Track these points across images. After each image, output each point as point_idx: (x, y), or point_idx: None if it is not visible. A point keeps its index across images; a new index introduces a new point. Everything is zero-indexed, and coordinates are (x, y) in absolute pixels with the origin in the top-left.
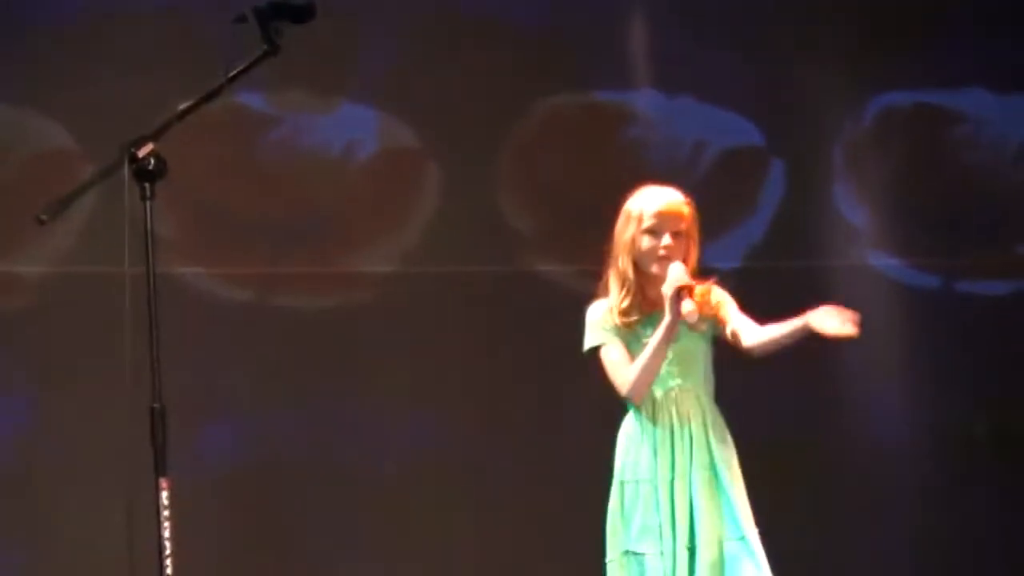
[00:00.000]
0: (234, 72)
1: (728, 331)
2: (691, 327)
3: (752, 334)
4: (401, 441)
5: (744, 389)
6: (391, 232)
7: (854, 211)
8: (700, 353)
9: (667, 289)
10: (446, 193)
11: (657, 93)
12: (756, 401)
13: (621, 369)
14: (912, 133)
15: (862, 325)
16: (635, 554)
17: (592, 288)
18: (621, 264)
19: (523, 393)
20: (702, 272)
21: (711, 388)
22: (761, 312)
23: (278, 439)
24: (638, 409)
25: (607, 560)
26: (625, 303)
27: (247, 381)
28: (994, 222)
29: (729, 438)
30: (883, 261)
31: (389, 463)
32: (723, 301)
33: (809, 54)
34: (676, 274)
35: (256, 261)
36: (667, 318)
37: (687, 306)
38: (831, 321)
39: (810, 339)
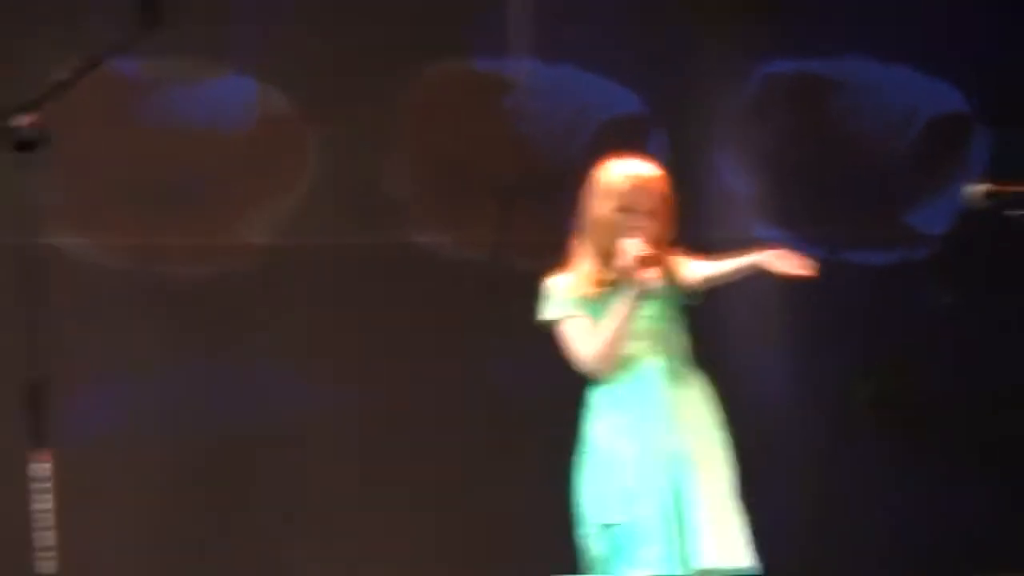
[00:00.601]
0: (115, 44)
1: (684, 283)
2: (652, 291)
3: (697, 269)
4: (279, 411)
5: None
6: (270, 202)
7: (738, 181)
8: (663, 320)
9: (625, 262)
10: (325, 163)
11: (537, 62)
12: None
13: (586, 340)
14: (795, 102)
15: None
16: (611, 525)
17: (468, 256)
18: (597, 237)
19: (402, 365)
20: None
21: (680, 352)
22: None
23: (158, 410)
24: (603, 381)
25: (584, 533)
26: (604, 275)
27: (128, 351)
28: (879, 191)
29: (696, 396)
30: (767, 232)
31: (268, 431)
32: (681, 261)
33: (691, 23)
34: (633, 247)
35: (135, 231)
36: (630, 290)
37: (649, 273)
38: (784, 263)
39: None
